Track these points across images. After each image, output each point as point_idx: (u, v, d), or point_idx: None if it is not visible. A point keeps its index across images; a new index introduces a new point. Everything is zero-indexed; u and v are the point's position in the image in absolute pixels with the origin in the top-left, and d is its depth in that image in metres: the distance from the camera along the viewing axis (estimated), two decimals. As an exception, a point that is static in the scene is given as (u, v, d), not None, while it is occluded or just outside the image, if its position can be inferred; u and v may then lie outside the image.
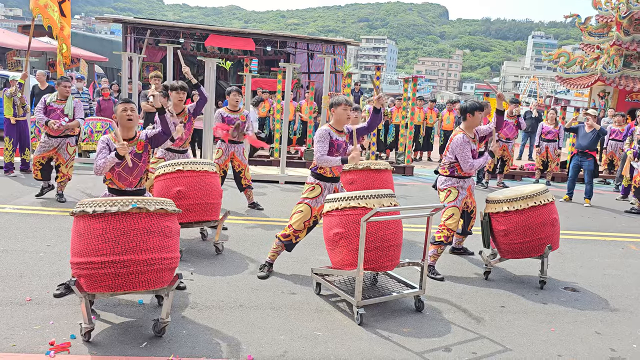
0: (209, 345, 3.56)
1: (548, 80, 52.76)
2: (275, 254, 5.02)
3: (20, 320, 3.71)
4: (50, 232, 5.76)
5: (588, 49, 19.07)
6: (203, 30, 16.82)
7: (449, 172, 5.29)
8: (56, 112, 7.07)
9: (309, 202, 4.84)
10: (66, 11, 8.36)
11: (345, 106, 4.77)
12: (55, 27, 8.17)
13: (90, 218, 3.37)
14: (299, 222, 4.82)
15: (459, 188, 5.26)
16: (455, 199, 5.22)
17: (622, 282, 5.47)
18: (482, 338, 3.96)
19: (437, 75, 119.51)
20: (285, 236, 4.88)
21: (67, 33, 8.37)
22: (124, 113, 4.31)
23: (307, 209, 4.83)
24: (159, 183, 5.39)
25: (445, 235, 5.13)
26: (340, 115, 4.79)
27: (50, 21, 8.09)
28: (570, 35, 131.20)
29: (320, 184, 4.86)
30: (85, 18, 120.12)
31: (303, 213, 4.83)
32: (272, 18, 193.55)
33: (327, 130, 4.78)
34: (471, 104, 5.33)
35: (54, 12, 8.05)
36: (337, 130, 4.85)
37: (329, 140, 4.73)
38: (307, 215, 4.83)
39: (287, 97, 9.85)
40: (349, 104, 4.80)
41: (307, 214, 4.83)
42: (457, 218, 5.19)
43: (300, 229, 4.84)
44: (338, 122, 4.84)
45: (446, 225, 5.13)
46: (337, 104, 4.78)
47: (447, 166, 5.30)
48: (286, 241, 4.89)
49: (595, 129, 9.15)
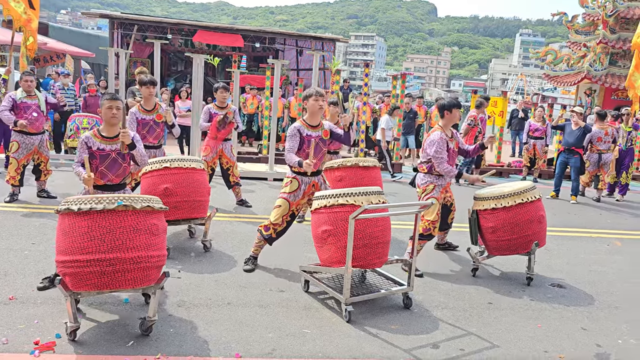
0: (196, 343, 3.53)
1: (535, 78, 53.20)
2: (258, 248, 5.08)
3: (5, 319, 3.66)
4: (35, 230, 5.68)
5: (575, 47, 19.21)
6: (191, 26, 16.72)
7: (427, 169, 5.24)
8: (32, 108, 6.76)
9: (286, 196, 4.89)
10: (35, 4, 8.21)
11: (316, 97, 4.82)
12: (18, 19, 7.97)
13: (75, 216, 3.33)
14: (278, 217, 4.87)
15: (438, 185, 5.22)
16: (431, 191, 5.20)
17: (607, 278, 5.53)
18: (469, 334, 3.98)
19: (426, 73, 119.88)
20: (266, 229, 4.93)
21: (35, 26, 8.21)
22: (109, 111, 4.23)
23: (285, 203, 4.88)
24: (146, 180, 5.35)
25: (425, 227, 5.12)
26: (312, 107, 4.86)
27: (11, 12, 7.90)
28: (558, 33, 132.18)
29: (297, 178, 4.91)
30: (71, 13, 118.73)
31: (281, 208, 4.87)
32: (261, 14, 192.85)
33: (296, 127, 4.86)
34: (449, 101, 5.29)
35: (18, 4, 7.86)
36: (310, 125, 4.89)
37: (299, 137, 4.81)
38: (286, 210, 4.87)
39: (275, 93, 9.81)
40: (319, 95, 4.84)
41: (285, 208, 4.87)
42: (435, 209, 5.17)
43: (279, 224, 4.89)
44: (311, 115, 4.91)
45: (426, 218, 5.12)
46: (308, 95, 4.84)
47: (425, 163, 5.26)
48: (267, 235, 4.93)
49: (581, 127, 9.23)
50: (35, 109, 6.82)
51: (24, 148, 6.79)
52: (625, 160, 9.95)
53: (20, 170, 6.81)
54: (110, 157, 4.24)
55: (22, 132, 6.74)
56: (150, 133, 6.30)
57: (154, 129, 6.32)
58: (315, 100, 4.81)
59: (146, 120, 6.25)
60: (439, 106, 5.35)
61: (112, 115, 4.22)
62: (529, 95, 30.33)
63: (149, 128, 6.28)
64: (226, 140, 7.22)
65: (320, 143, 4.92)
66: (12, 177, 6.78)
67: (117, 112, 4.24)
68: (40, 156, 7.00)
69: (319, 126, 4.94)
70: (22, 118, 6.68)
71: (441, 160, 5.06)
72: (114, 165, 4.27)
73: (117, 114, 4.25)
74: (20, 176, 6.83)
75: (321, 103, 4.85)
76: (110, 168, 4.26)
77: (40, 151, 6.97)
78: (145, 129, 6.26)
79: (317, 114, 4.90)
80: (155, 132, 6.34)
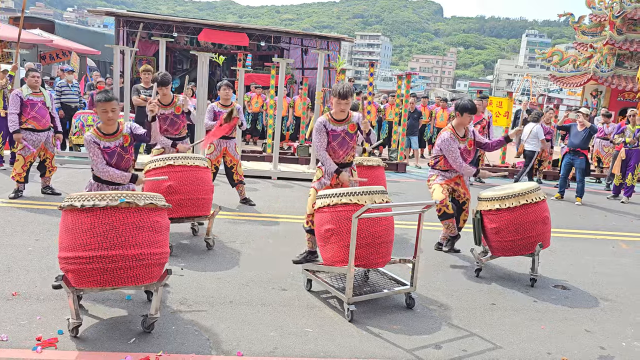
0: (198, 341, 3.53)
1: (541, 79, 52.96)
2: (310, 242, 5.16)
3: (7, 315, 3.66)
4: (39, 226, 5.70)
5: (581, 48, 19.13)
6: (197, 25, 16.71)
7: (433, 163, 5.63)
8: (38, 105, 6.87)
9: (315, 185, 5.05)
10: None
11: (338, 100, 4.83)
12: None
13: (78, 212, 3.33)
14: (309, 205, 5.02)
15: (441, 176, 5.56)
16: (435, 178, 5.58)
17: (612, 280, 5.50)
18: (472, 335, 3.96)
19: (431, 73, 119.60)
20: (306, 223, 5.07)
21: None
22: (104, 114, 4.25)
23: (313, 192, 5.01)
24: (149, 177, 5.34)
25: (438, 208, 5.39)
26: (335, 107, 4.92)
27: None
28: (564, 34, 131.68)
29: (321, 167, 5.05)
30: (78, 10, 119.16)
31: (311, 197, 5.02)
32: (266, 13, 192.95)
33: (322, 122, 4.93)
34: (464, 103, 5.48)
35: None
36: (335, 120, 4.95)
37: (325, 132, 4.89)
38: (314, 199, 4.90)
39: (280, 92, 9.81)
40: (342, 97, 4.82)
41: (314, 197, 4.94)
42: (439, 191, 5.43)
43: (311, 212, 4.96)
44: (335, 112, 4.97)
45: (435, 198, 5.34)
46: (332, 94, 4.90)
47: (433, 158, 5.66)
48: (308, 227, 5.05)
49: (587, 128, 9.18)
50: (40, 106, 6.91)
51: (31, 145, 6.85)
52: (631, 161, 9.89)
53: (26, 167, 6.87)
54: (116, 152, 4.31)
55: (28, 129, 6.84)
56: (172, 126, 6.61)
57: (174, 121, 6.62)
58: (337, 104, 4.84)
59: (165, 115, 6.55)
60: (455, 105, 5.60)
61: (107, 118, 4.25)
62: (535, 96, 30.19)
63: (170, 121, 6.59)
64: (230, 139, 7.22)
65: (346, 137, 4.98)
66: (18, 174, 6.83)
67: (112, 114, 4.25)
68: (46, 152, 7.06)
69: (346, 119, 4.98)
70: (28, 115, 6.82)
71: (454, 157, 5.38)
72: (121, 159, 4.33)
73: (113, 117, 4.26)
74: (25, 173, 6.89)
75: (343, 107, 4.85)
76: (118, 163, 4.34)
77: (46, 147, 7.04)
78: (167, 122, 6.57)
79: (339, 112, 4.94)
80: (176, 124, 6.64)
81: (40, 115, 6.87)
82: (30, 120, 6.83)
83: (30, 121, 6.83)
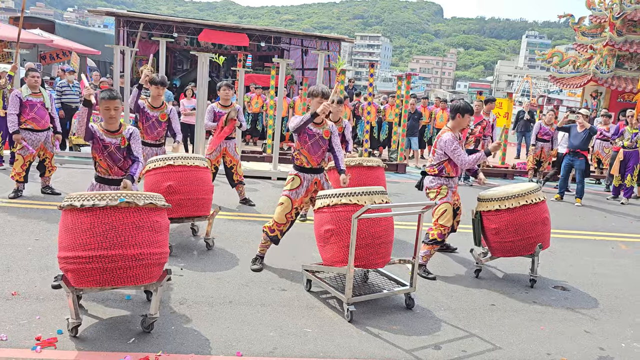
0: (197, 341, 3.53)
1: (541, 80, 53.02)
2: (264, 247, 5.08)
3: (7, 314, 3.66)
4: (38, 226, 5.70)
5: (581, 49, 19.13)
6: (197, 25, 16.74)
7: (438, 171, 5.22)
8: (37, 106, 6.87)
9: (288, 194, 4.88)
10: None
11: (320, 99, 4.74)
12: None
13: (78, 212, 3.33)
14: (280, 215, 4.85)
15: (449, 188, 5.23)
16: (446, 194, 5.19)
17: (611, 281, 5.50)
18: (472, 336, 3.96)
19: (431, 74, 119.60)
20: (271, 231, 4.91)
21: None
22: (107, 112, 4.26)
23: (287, 200, 4.86)
24: (149, 178, 5.35)
25: (440, 232, 5.08)
26: (314, 106, 4.77)
27: None
28: (564, 35, 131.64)
29: (299, 175, 4.91)
30: (78, 11, 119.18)
31: (284, 205, 4.85)
32: (266, 14, 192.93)
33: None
34: (464, 105, 5.22)
35: None
36: (314, 122, 4.85)
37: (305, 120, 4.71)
38: (289, 208, 4.84)
39: (280, 93, 9.81)
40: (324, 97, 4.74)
41: (287, 206, 4.85)
42: (450, 214, 5.15)
43: (282, 222, 4.87)
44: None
45: (440, 223, 5.11)
46: (314, 94, 4.77)
47: (436, 166, 5.24)
48: (272, 236, 4.92)
49: (587, 129, 9.19)
50: (39, 107, 6.92)
51: (30, 145, 6.85)
52: (630, 162, 9.89)
53: (26, 167, 6.87)
54: (109, 149, 4.30)
55: (27, 129, 6.85)
56: (151, 129, 6.44)
57: (155, 126, 6.45)
58: (318, 103, 4.74)
59: (150, 116, 6.42)
60: (451, 107, 5.31)
61: (109, 116, 4.25)
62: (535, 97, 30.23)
63: (151, 124, 6.43)
64: (230, 139, 7.22)
65: (319, 140, 4.89)
66: (17, 174, 6.84)
67: (114, 112, 4.26)
68: (46, 152, 7.06)
69: (322, 124, 4.92)
70: (27, 116, 6.83)
71: (459, 156, 5.05)
72: (114, 159, 4.33)
73: (115, 115, 4.27)
74: (25, 172, 6.90)
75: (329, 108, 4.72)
76: (115, 160, 4.33)
77: (46, 147, 7.04)
78: (148, 123, 6.42)
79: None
80: (156, 130, 6.47)
81: (40, 116, 6.89)
82: (29, 121, 6.85)
83: (29, 122, 6.85)
